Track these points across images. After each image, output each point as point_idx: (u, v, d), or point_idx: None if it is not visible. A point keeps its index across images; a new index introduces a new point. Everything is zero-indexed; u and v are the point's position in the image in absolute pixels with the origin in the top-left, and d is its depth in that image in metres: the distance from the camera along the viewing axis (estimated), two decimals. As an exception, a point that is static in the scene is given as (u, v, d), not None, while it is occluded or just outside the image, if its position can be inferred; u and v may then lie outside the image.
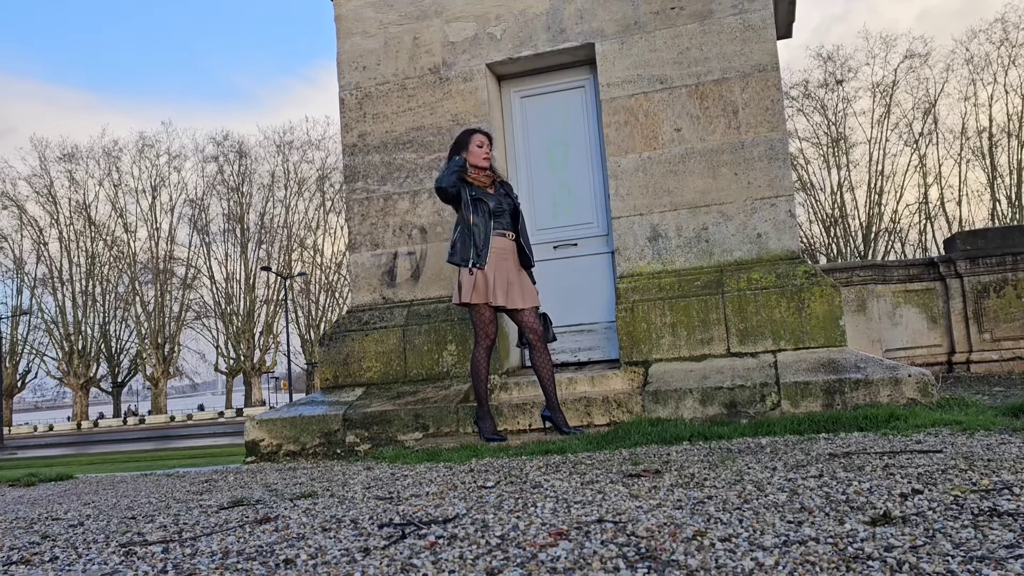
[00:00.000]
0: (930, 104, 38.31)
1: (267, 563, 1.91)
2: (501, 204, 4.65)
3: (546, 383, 4.55)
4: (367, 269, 5.93)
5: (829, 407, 4.41)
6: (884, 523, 1.84)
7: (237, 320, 49.80)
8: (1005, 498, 2.00)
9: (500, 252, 4.57)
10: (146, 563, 2.02)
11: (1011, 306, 8.23)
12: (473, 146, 4.67)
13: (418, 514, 2.40)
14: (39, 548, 2.37)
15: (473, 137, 4.70)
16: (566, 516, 2.18)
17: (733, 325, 4.97)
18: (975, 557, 1.52)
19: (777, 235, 5.12)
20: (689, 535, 1.85)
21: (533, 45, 5.70)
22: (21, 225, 49.23)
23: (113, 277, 50.75)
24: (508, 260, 4.58)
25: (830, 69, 39.46)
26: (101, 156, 50.06)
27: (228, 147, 50.47)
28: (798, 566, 1.54)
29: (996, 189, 37.77)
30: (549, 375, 4.56)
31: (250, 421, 5.38)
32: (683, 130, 5.32)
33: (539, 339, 4.55)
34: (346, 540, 2.11)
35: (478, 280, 4.50)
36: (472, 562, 1.76)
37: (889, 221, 39.81)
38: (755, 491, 2.35)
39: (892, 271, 8.71)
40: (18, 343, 48.56)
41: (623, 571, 1.60)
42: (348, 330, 5.76)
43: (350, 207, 6.06)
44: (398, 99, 5.99)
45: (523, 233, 4.69)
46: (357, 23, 6.16)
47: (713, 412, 4.59)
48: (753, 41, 5.24)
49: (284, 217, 51.07)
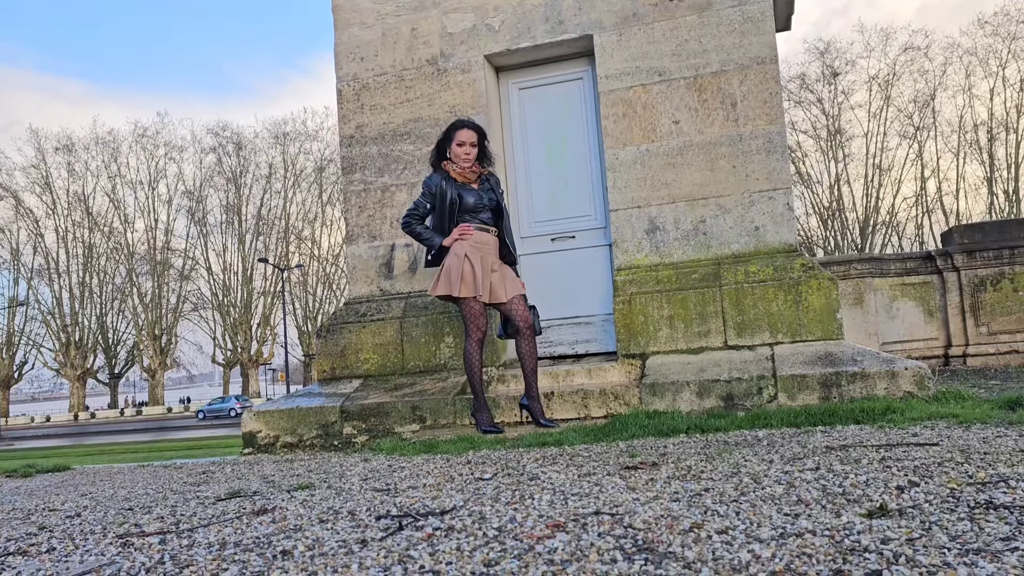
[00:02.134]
0: (929, 97, 38.30)
1: (264, 554, 1.91)
2: (482, 199, 4.64)
3: (529, 372, 4.58)
4: (364, 261, 5.92)
5: (826, 400, 4.42)
6: (881, 516, 1.84)
7: (234, 312, 49.79)
8: (1001, 491, 2.00)
9: (482, 247, 4.57)
10: (143, 554, 2.02)
11: (1008, 300, 8.24)
12: (454, 145, 4.64)
13: (415, 506, 2.41)
14: (36, 539, 2.37)
15: (457, 134, 4.64)
16: (563, 508, 2.19)
17: (730, 318, 4.98)
18: (971, 550, 1.52)
19: (775, 228, 5.11)
20: (686, 527, 1.85)
21: (531, 36, 5.68)
22: (17, 216, 49.09)
23: (110, 268, 50.70)
24: (491, 255, 4.60)
25: (827, 62, 39.42)
26: (98, 147, 49.93)
27: (226, 138, 50.38)
28: (795, 558, 1.55)
29: (994, 183, 37.80)
30: (533, 364, 4.57)
31: (247, 412, 5.38)
32: (681, 122, 5.31)
33: (528, 326, 4.55)
34: (343, 532, 2.11)
35: (465, 272, 4.48)
36: (469, 554, 1.76)
37: (886, 214, 39.87)
38: (752, 483, 2.35)
39: (889, 264, 8.71)
40: (15, 334, 48.50)
41: (620, 563, 1.60)
42: (345, 322, 5.75)
43: (347, 199, 6.05)
44: (396, 90, 5.97)
45: (506, 229, 4.68)
46: (355, 14, 6.13)
47: (710, 405, 4.60)
48: (752, 33, 5.23)
49: (282, 209, 51.01)
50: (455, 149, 4.63)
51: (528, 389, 4.61)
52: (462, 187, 4.64)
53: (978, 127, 38.18)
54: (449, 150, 4.67)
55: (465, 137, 4.63)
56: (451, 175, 4.66)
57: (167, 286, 49.82)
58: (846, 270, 8.57)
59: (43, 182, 49.14)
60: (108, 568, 1.90)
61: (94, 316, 49.92)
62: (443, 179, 4.65)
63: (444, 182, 4.63)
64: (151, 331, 48.51)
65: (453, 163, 4.65)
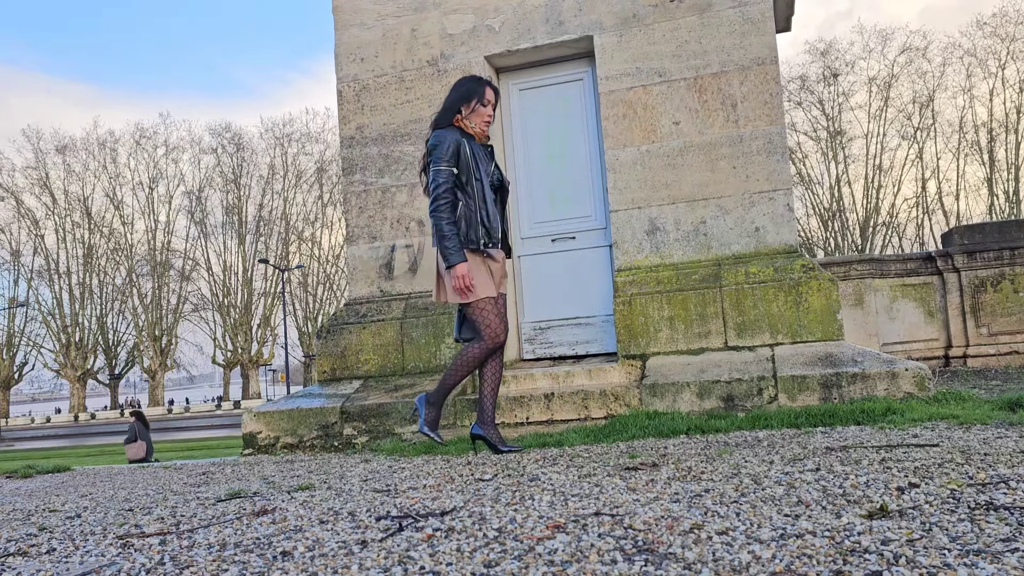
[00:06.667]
0: (928, 98, 38.30)
1: (264, 555, 1.90)
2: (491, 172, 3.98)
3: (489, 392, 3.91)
4: (365, 262, 5.92)
5: (826, 400, 4.41)
6: (881, 516, 1.84)
7: (235, 312, 49.78)
8: (1002, 492, 2.00)
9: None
10: (143, 555, 2.02)
11: (1008, 300, 8.24)
12: (480, 103, 3.92)
13: (415, 507, 2.41)
14: (36, 540, 2.37)
15: (486, 91, 3.94)
16: (563, 509, 2.18)
17: (731, 319, 4.98)
18: (972, 551, 1.52)
19: (775, 229, 5.11)
20: (686, 528, 1.85)
21: (532, 37, 5.68)
22: (18, 216, 49.10)
23: (110, 269, 50.69)
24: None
25: (827, 63, 39.43)
26: (97, 148, 49.94)
27: (228, 139, 50.41)
28: (795, 559, 1.54)
29: (994, 184, 37.80)
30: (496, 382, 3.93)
31: (248, 413, 5.38)
32: (682, 123, 5.32)
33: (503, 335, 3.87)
34: (343, 532, 2.11)
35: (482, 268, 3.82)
36: (469, 555, 1.76)
37: (887, 215, 39.86)
38: (752, 484, 2.35)
39: (890, 265, 8.71)
40: (15, 335, 48.50)
41: (620, 564, 1.60)
42: (346, 323, 5.75)
43: (348, 199, 6.05)
44: (396, 91, 5.97)
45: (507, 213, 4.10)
46: (355, 15, 6.13)
47: (710, 405, 4.60)
48: (752, 34, 5.23)
49: (282, 209, 51.01)
50: (479, 108, 3.92)
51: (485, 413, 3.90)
52: (479, 148, 3.93)
53: (978, 128, 38.18)
54: (467, 107, 3.92)
55: (491, 96, 3.98)
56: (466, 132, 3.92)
57: (167, 287, 49.82)
58: (846, 271, 8.57)
59: (42, 183, 49.15)
60: (108, 569, 1.90)
61: (94, 317, 49.92)
62: (461, 136, 3.87)
63: (464, 140, 3.86)
64: (151, 332, 48.51)
65: (468, 121, 3.92)
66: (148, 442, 12.75)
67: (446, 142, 3.81)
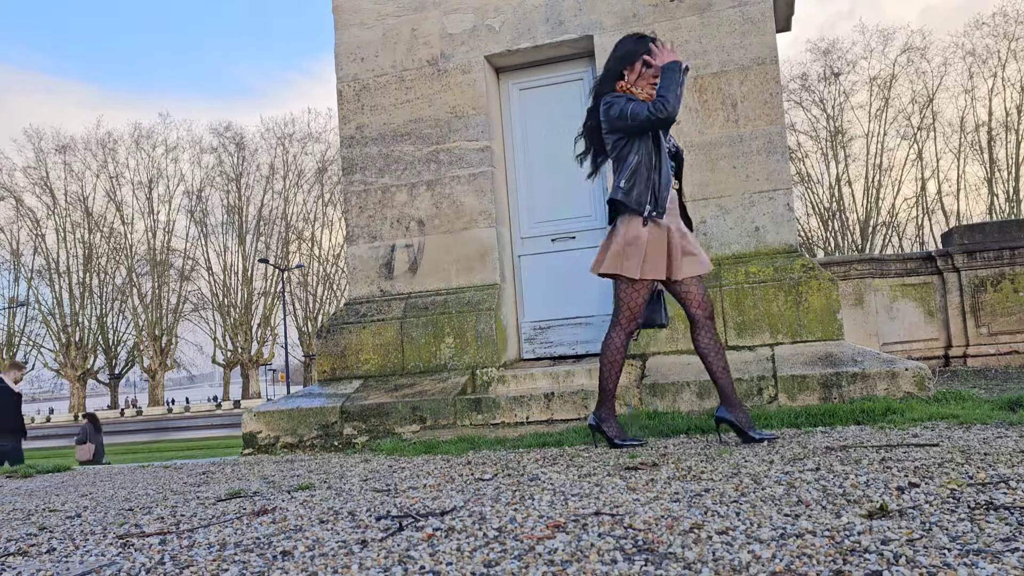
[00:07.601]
0: (928, 98, 38.30)
1: (264, 555, 1.91)
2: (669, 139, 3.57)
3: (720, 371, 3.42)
4: (365, 261, 5.92)
5: (826, 400, 4.41)
6: (881, 516, 1.84)
7: (235, 312, 49.76)
8: (1002, 491, 2.00)
9: (672, 208, 3.49)
10: (143, 555, 2.02)
11: (1008, 300, 8.24)
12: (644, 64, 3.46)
13: (415, 506, 2.41)
14: (36, 539, 2.37)
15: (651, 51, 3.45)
16: (563, 509, 2.18)
17: (731, 318, 4.97)
18: (972, 550, 1.52)
19: (775, 228, 5.11)
20: (686, 528, 1.85)
21: (532, 37, 5.68)
22: (18, 216, 49.10)
23: (110, 268, 50.67)
24: (677, 217, 3.53)
25: (828, 62, 39.42)
26: (97, 147, 49.93)
27: (228, 138, 50.41)
28: (795, 559, 1.54)
29: (994, 183, 37.79)
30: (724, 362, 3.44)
31: (248, 413, 5.38)
32: (682, 123, 5.31)
33: (708, 315, 3.42)
34: (343, 532, 2.11)
35: (650, 248, 3.37)
36: (469, 554, 1.76)
37: (887, 215, 39.84)
38: (752, 484, 2.35)
39: (890, 265, 8.71)
40: (15, 334, 48.50)
41: (620, 563, 1.60)
42: (346, 322, 5.75)
43: (348, 199, 6.05)
44: (396, 91, 5.97)
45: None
46: (355, 14, 6.13)
47: (710, 405, 4.59)
48: (752, 34, 5.23)
49: (282, 209, 51.01)
50: (645, 72, 3.46)
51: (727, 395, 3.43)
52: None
53: (979, 127, 38.17)
54: (630, 71, 3.48)
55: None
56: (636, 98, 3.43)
57: (167, 286, 49.80)
58: (846, 271, 8.57)
59: (43, 183, 49.15)
60: (108, 568, 1.90)
61: (94, 316, 49.89)
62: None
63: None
64: (151, 331, 48.49)
65: (636, 88, 3.47)
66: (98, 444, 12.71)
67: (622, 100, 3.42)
